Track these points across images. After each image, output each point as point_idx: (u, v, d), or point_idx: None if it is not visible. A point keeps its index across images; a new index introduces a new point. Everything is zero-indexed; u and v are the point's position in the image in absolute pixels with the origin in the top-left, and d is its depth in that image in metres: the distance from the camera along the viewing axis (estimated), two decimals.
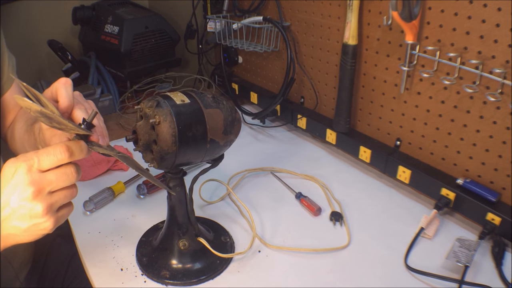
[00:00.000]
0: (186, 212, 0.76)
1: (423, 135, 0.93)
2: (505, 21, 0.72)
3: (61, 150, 0.52)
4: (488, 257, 0.79)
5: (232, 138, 0.73)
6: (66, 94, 0.60)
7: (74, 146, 0.53)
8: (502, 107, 0.76)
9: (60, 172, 0.52)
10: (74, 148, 0.53)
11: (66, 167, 0.53)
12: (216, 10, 1.39)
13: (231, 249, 0.81)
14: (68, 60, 1.46)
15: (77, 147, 0.54)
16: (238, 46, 1.25)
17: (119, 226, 0.87)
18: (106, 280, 0.74)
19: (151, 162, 0.68)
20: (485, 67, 0.76)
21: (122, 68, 1.44)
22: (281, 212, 0.92)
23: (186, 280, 0.74)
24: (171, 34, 1.49)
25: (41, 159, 0.51)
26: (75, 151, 0.53)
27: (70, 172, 0.53)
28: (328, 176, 1.04)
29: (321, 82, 1.15)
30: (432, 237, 0.84)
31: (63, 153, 0.52)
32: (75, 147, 0.53)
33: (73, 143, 0.54)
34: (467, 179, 0.85)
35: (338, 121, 1.06)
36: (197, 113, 0.67)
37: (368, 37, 0.97)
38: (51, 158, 0.51)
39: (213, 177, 1.01)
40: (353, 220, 0.89)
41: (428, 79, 0.87)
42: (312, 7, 1.10)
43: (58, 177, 0.52)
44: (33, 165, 0.51)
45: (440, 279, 0.73)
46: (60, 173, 0.52)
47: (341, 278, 0.75)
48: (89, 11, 1.52)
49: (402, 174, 0.95)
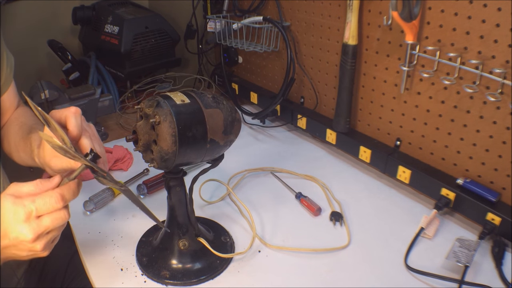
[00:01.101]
0: (186, 212, 0.76)
1: (423, 135, 0.93)
2: (505, 21, 0.72)
3: (56, 200, 0.57)
4: (488, 257, 0.79)
5: (232, 138, 0.72)
6: (76, 124, 0.64)
7: (67, 192, 0.59)
8: (502, 107, 0.76)
9: (55, 216, 0.58)
10: (67, 194, 0.59)
11: (60, 212, 0.58)
12: (216, 10, 1.39)
13: (231, 249, 0.81)
14: (68, 60, 1.46)
15: (69, 192, 0.59)
16: (238, 46, 1.25)
17: (119, 226, 0.87)
18: (106, 280, 0.74)
19: (151, 162, 0.68)
20: (485, 67, 0.76)
21: (122, 68, 1.44)
22: (281, 212, 0.92)
23: (186, 280, 0.74)
24: (171, 34, 1.49)
25: (38, 208, 0.57)
26: (68, 197, 0.59)
27: (63, 215, 0.59)
28: (328, 176, 1.04)
29: (321, 82, 1.15)
30: (432, 237, 0.84)
31: (58, 202, 0.57)
32: (68, 193, 0.59)
33: (66, 189, 0.59)
34: (467, 179, 0.85)
35: (338, 121, 1.06)
36: (197, 113, 0.67)
37: (368, 37, 0.97)
38: (47, 207, 0.57)
39: (213, 177, 1.01)
40: (353, 220, 0.89)
41: (428, 79, 0.87)
42: (312, 7, 1.10)
43: (54, 221, 0.58)
44: (32, 213, 0.57)
45: (440, 279, 0.73)
46: (55, 217, 0.58)
47: (341, 278, 0.75)
48: (89, 11, 1.52)
49: (402, 174, 0.95)
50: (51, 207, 0.57)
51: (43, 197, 0.57)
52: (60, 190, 0.58)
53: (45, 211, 0.57)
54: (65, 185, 0.59)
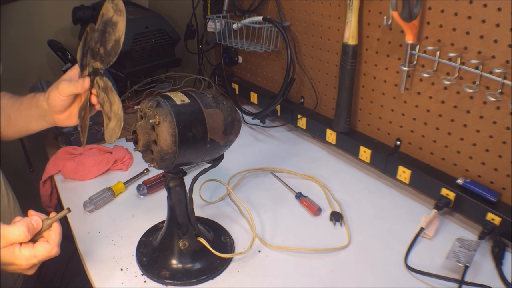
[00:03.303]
0: (186, 212, 0.76)
1: (423, 135, 0.93)
2: (505, 21, 0.72)
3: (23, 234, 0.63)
4: (488, 257, 0.79)
5: (232, 138, 0.72)
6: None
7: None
8: (502, 107, 0.76)
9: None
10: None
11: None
12: (216, 10, 1.39)
13: (231, 249, 0.81)
14: (68, 60, 1.45)
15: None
16: (238, 46, 1.24)
17: (119, 226, 0.87)
18: (106, 280, 0.74)
19: (151, 162, 0.68)
20: (485, 67, 0.76)
21: (122, 68, 1.44)
22: (281, 212, 0.92)
23: (186, 280, 0.74)
24: (171, 34, 1.49)
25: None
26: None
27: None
28: (328, 176, 1.04)
29: (321, 82, 1.15)
30: (432, 237, 0.84)
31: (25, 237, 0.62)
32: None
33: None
34: (467, 179, 0.85)
35: (338, 121, 1.06)
36: (197, 113, 0.67)
37: (368, 37, 0.97)
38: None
39: (213, 177, 1.01)
40: (353, 220, 0.89)
41: (428, 79, 0.87)
42: (312, 7, 1.10)
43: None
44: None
45: (440, 279, 0.73)
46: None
47: (341, 278, 0.75)
48: (89, 11, 1.52)
49: (402, 174, 0.95)
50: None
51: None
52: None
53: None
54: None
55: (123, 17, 0.67)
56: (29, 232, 0.62)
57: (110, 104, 0.70)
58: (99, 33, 0.70)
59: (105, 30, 0.69)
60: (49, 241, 0.64)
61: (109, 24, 0.68)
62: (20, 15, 1.44)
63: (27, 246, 0.63)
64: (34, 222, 0.64)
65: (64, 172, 1.03)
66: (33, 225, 0.63)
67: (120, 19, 0.67)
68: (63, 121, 0.81)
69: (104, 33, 0.69)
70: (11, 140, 0.91)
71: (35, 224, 0.63)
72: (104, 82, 0.71)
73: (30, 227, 0.62)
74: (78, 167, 1.02)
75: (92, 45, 0.72)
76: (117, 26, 0.68)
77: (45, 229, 0.65)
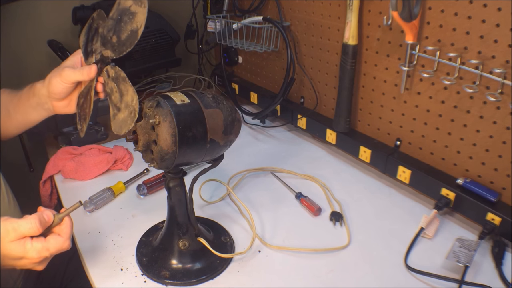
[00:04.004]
0: (186, 212, 0.76)
1: (423, 135, 0.93)
2: (505, 21, 0.72)
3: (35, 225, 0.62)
4: (488, 257, 0.79)
5: (232, 138, 0.72)
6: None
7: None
8: (502, 107, 0.76)
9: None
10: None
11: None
12: (216, 10, 1.39)
13: (231, 249, 0.81)
14: None
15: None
16: (238, 46, 1.24)
17: (119, 226, 0.87)
18: (106, 280, 0.74)
19: (151, 162, 0.68)
20: (485, 67, 0.76)
21: (122, 68, 1.44)
22: (281, 212, 0.92)
23: (186, 280, 0.74)
24: (171, 34, 1.49)
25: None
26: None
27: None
28: (328, 176, 1.04)
29: (321, 82, 1.15)
30: (432, 237, 0.84)
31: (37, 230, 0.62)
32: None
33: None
34: (467, 179, 0.85)
35: (338, 121, 1.06)
36: (197, 113, 0.67)
37: (368, 37, 0.97)
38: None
39: (213, 177, 1.01)
40: (353, 220, 0.89)
41: (428, 79, 0.87)
42: (312, 7, 1.10)
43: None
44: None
45: (440, 279, 0.73)
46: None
47: (341, 278, 0.75)
48: (89, 11, 1.51)
49: (402, 174, 0.95)
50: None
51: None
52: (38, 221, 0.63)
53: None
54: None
55: (143, 8, 0.66)
56: (41, 225, 0.61)
57: (121, 95, 0.68)
58: (114, 21, 0.68)
59: (120, 19, 0.67)
60: (61, 234, 0.64)
61: (126, 13, 0.67)
62: (20, 15, 1.44)
63: (38, 239, 0.62)
64: (46, 216, 0.63)
65: (64, 172, 1.03)
66: (45, 219, 0.63)
67: (140, 10, 0.66)
68: (62, 109, 0.80)
69: (119, 21, 0.68)
70: (12, 137, 0.91)
71: (46, 218, 0.63)
72: (116, 72, 0.70)
73: (42, 220, 0.62)
74: (78, 167, 1.02)
75: (104, 32, 0.70)
76: (135, 16, 0.66)
77: (56, 223, 0.64)
